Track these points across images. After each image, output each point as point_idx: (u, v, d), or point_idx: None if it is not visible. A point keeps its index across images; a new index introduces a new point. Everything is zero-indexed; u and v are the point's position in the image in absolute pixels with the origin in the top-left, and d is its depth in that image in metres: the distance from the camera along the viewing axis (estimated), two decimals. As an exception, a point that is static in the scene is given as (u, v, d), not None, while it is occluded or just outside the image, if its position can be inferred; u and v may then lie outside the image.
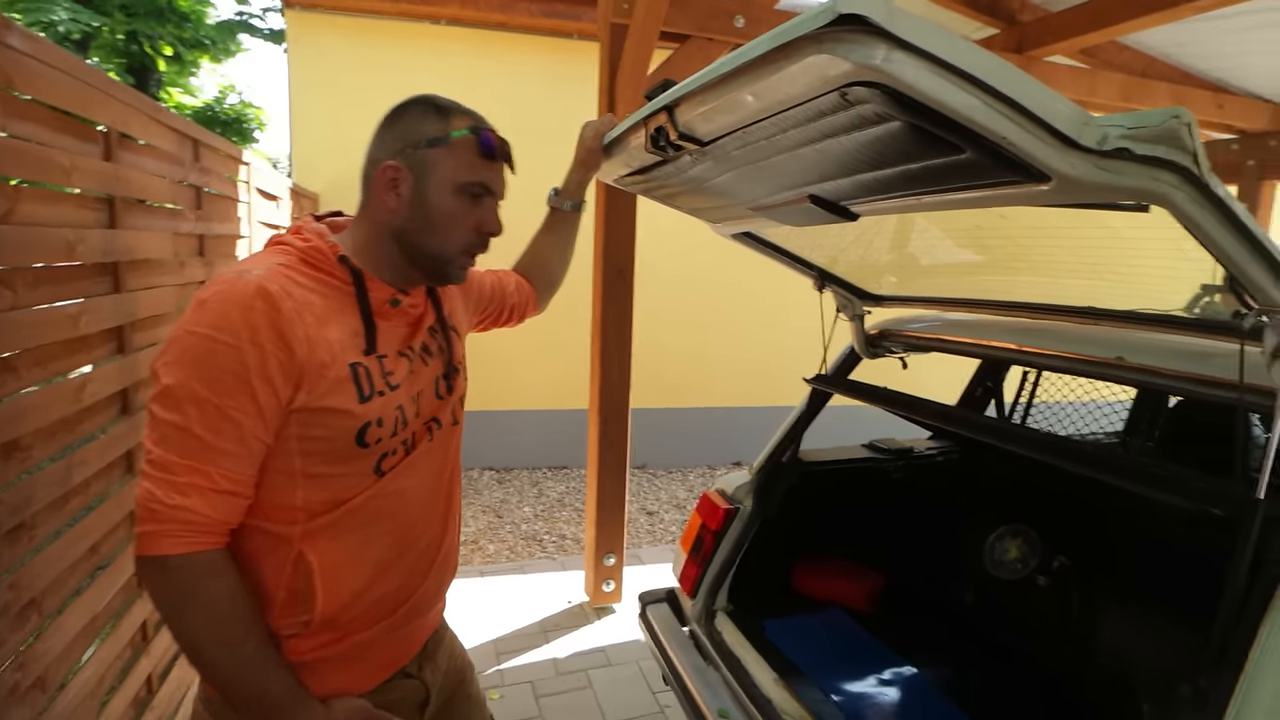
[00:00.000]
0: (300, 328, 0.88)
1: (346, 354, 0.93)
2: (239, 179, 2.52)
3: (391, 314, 1.01)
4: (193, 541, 0.84)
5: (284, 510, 0.92)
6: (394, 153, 0.98)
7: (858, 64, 0.71)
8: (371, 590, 0.99)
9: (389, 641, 1.05)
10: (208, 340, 0.84)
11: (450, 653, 1.23)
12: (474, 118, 1.03)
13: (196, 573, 0.84)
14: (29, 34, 1.22)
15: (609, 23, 2.83)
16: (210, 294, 0.87)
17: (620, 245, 3.01)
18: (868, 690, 1.78)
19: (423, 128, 0.99)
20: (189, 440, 0.83)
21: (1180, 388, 1.28)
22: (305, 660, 0.96)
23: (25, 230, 1.21)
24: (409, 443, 1.02)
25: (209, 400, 0.83)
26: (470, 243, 1.03)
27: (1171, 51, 3.93)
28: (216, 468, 0.84)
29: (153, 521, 0.83)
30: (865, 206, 1.21)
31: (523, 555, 3.95)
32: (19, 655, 1.18)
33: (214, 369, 0.83)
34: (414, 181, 0.98)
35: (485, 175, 1.01)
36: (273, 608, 0.94)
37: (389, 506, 1.00)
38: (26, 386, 1.22)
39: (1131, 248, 1.24)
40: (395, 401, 0.98)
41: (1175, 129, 0.76)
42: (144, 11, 8.49)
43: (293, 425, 0.89)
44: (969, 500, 2.24)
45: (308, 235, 0.98)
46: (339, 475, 0.94)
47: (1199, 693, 0.98)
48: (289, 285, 0.90)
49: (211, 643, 0.87)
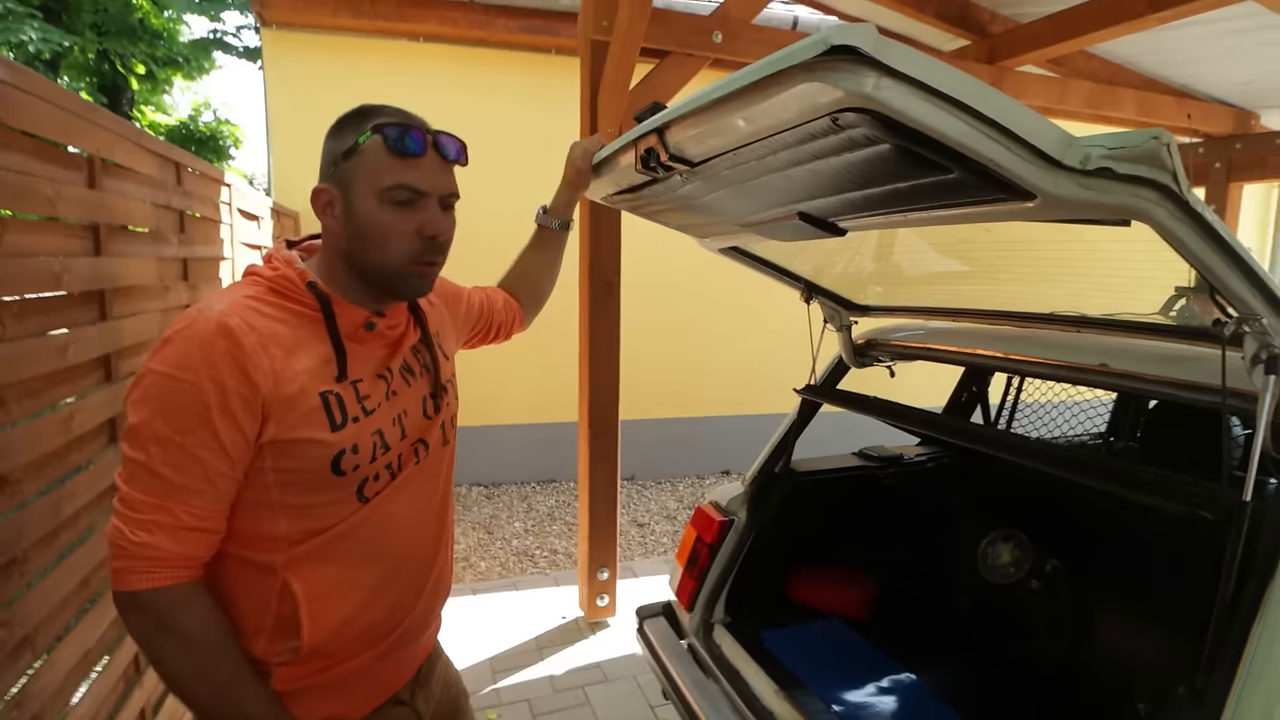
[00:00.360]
0: (265, 361, 0.87)
1: (316, 383, 0.92)
2: (220, 200, 2.50)
3: (367, 337, 1.00)
4: (161, 577, 0.84)
5: (266, 540, 0.92)
6: (324, 174, 0.98)
7: (849, 92, 0.74)
8: (360, 617, 0.99)
9: (380, 668, 1.04)
10: (168, 379, 0.84)
11: (444, 680, 1.22)
12: (384, 115, 0.95)
13: (168, 606, 0.85)
14: (11, 63, 1.21)
15: (590, 39, 2.85)
16: (173, 331, 0.87)
17: (607, 258, 3.02)
18: (867, 699, 1.79)
19: (340, 141, 0.96)
20: (153, 479, 0.84)
21: (1163, 392, 1.31)
22: (295, 688, 0.95)
23: (12, 261, 1.19)
24: (394, 466, 1.01)
25: (171, 439, 0.83)
26: (415, 250, 0.97)
27: (1138, 59, 4.04)
28: (181, 505, 0.85)
29: (122, 558, 0.84)
30: (853, 222, 1.23)
31: (515, 571, 3.92)
32: (16, 694, 1.16)
33: (175, 407, 0.84)
34: (342, 199, 0.96)
35: (405, 176, 0.94)
36: (260, 636, 0.93)
37: (376, 532, 0.99)
38: (16, 420, 1.20)
39: (1113, 258, 1.28)
40: (373, 426, 0.97)
41: (1155, 149, 0.79)
42: (115, 30, 8.41)
43: (266, 457, 0.89)
44: (961, 505, 2.27)
45: (276, 264, 0.97)
46: (319, 504, 0.94)
47: (1195, 693, 1.00)
48: (253, 318, 0.89)
49: (188, 673, 0.87)
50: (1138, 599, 1.83)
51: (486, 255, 1.09)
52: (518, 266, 1.52)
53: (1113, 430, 2.58)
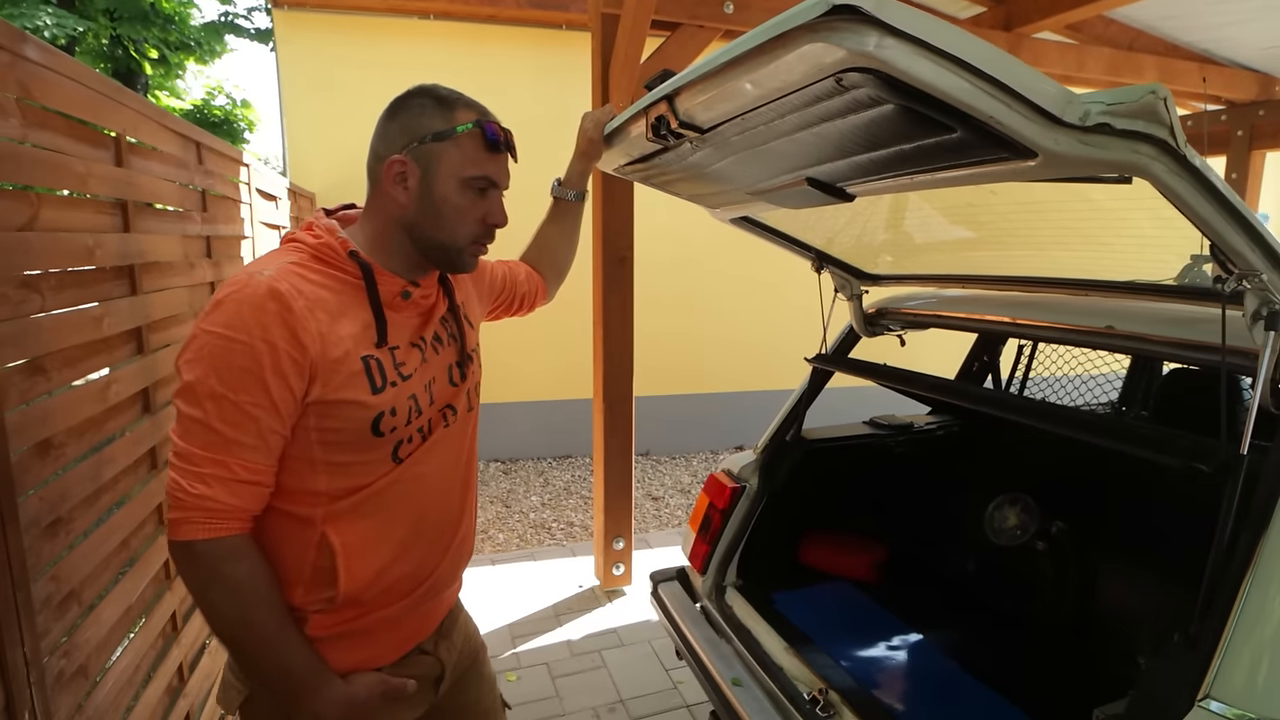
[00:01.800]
0: (312, 325, 0.92)
1: (359, 347, 0.97)
2: (240, 180, 2.55)
3: (403, 306, 1.05)
4: (215, 528, 0.89)
5: (307, 495, 0.97)
6: (400, 147, 1.00)
7: (851, 51, 0.76)
8: (391, 570, 1.04)
9: (408, 619, 1.10)
10: (223, 339, 0.88)
11: (465, 633, 1.28)
12: (478, 110, 1.04)
13: (220, 557, 0.90)
14: (43, 44, 1.25)
15: (600, 13, 2.86)
16: (225, 294, 0.91)
17: (620, 233, 3.05)
18: (875, 655, 1.84)
19: (427, 121, 1.00)
20: (208, 433, 0.88)
21: (1167, 353, 1.33)
22: (329, 635, 1.01)
23: (48, 236, 1.25)
24: (425, 430, 1.06)
25: (225, 396, 0.88)
26: (478, 234, 1.06)
27: (1158, 24, 3.96)
28: (235, 459, 0.89)
29: (179, 509, 0.89)
30: (860, 187, 1.25)
31: (532, 543, 4.01)
32: (64, 644, 1.23)
33: (229, 367, 0.88)
34: (421, 175, 1.00)
35: (490, 169, 1.03)
36: (298, 586, 0.99)
37: (407, 491, 1.04)
38: (57, 387, 1.26)
39: (1118, 219, 1.29)
40: (408, 391, 1.02)
41: (1152, 104, 0.80)
42: (128, 15, 8.44)
43: (310, 417, 0.94)
44: (968, 471, 2.30)
45: (318, 232, 1.01)
46: (358, 463, 0.99)
47: (1190, 639, 1.03)
48: (300, 283, 0.93)
49: (235, 622, 0.92)
50: (1140, 560, 1.85)
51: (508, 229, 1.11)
52: (537, 240, 1.55)
53: (1124, 400, 2.59)
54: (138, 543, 1.56)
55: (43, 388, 1.22)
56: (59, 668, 1.21)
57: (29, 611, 1.12)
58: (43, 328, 1.22)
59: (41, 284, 1.22)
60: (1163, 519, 1.82)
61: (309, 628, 1.00)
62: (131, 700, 1.50)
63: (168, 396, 1.76)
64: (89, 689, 1.32)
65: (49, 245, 1.25)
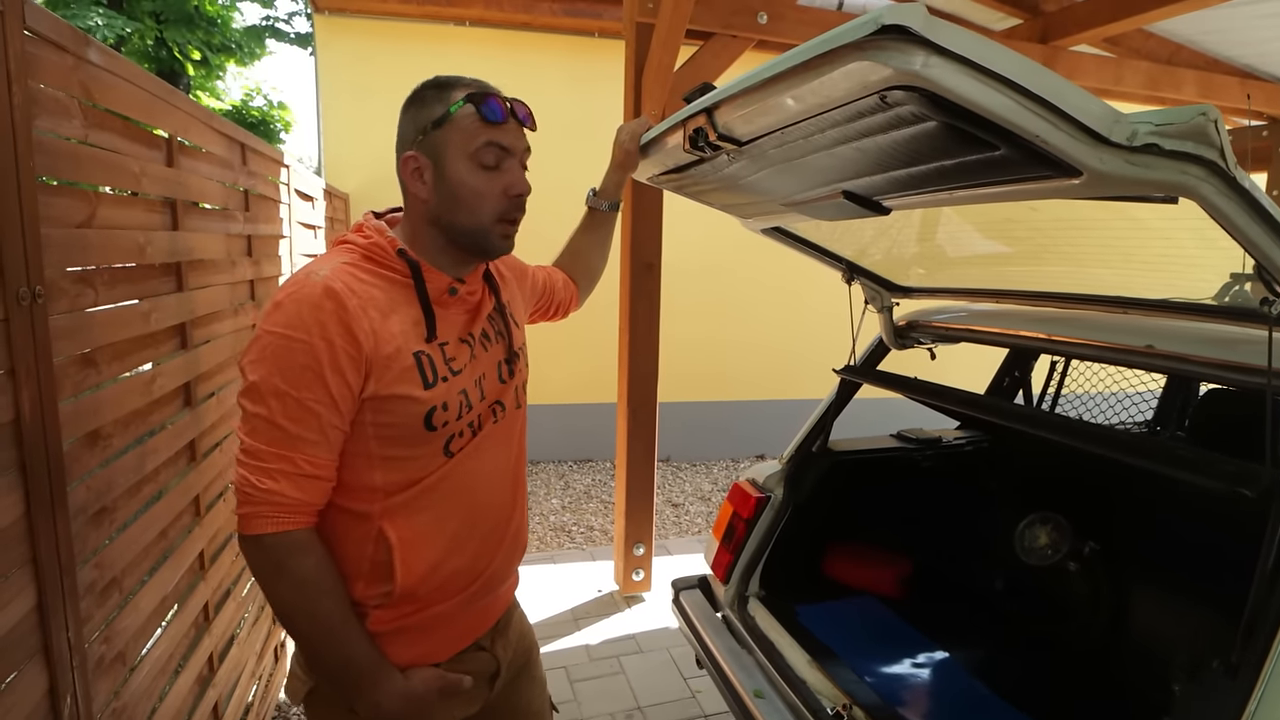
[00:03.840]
0: (365, 322, 0.94)
1: (410, 343, 0.99)
2: (280, 181, 2.61)
3: (450, 302, 1.07)
4: (283, 521, 0.92)
5: (364, 491, 1.00)
6: (411, 142, 1.03)
7: (898, 70, 0.76)
8: (446, 565, 1.06)
9: (464, 614, 1.12)
10: (283, 339, 0.91)
11: (520, 630, 1.29)
12: (472, 85, 1.03)
13: (287, 550, 0.92)
14: (103, 48, 1.30)
15: (635, 22, 2.88)
16: (284, 296, 0.94)
17: (648, 240, 3.06)
18: (900, 672, 1.83)
19: (429, 111, 1.01)
20: (274, 430, 0.91)
21: (1210, 374, 1.31)
22: (387, 630, 1.03)
23: (104, 233, 1.29)
24: (475, 425, 1.08)
25: (288, 393, 0.91)
26: (503, 209, 1.04)
27: (1199, 38, 3.90)
28: (300, 454, 0.92)
29: (248, 504, 0.92)
30: (897, 201, 1.25)
31: (552, 546, 4.03)
32: (104, 630, 1.27)
33: (290, 365, 0.91)
34: (434, 166, 1.01)
35: (495, 136, 1.01)
36: (358, 581, 1.01)
37: (460, 485, 1.06)
38: (106, 380, 1.30)
39: (1160, 238, 1.27)
40: (459, 386, 1.04)
41: (1203, 125, 0.80)
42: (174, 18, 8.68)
43: (366, 413, 0.97)
44: (998, 488, 2.27)
45: (368, 232, 1.04)
46: (411, 457, 1.01)
47: (1230, 667, 1.01)
48: (353, 282, 0.96)
49: (300, 614, 0.95)
50: (1175, 583, 1.82)
51: (532, 236, 1.12)
52: (570, 248, 1.57)
53: (1159, 420, 2.54)
54: (175, 533, 1.60)
55: (93, 380, 1.26)
56: (99, 653, 1.24)
57: (74, 597, 1.15)
58: (95, 322, 1.26)
59: (96, 279, 1.26)
60: (1199, 542, 1.78)
61: (369, 623, 1.02)
62: (165, 688, 1.54)
63: (208, 390, 1.80)
64: (126, 676, 1.36)
65: (104, 242, 1.29)
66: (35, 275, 1.04)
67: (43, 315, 1.06)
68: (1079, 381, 2.62)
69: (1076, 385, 2.63)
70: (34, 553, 1.05)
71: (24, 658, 1.03)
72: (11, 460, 1.01)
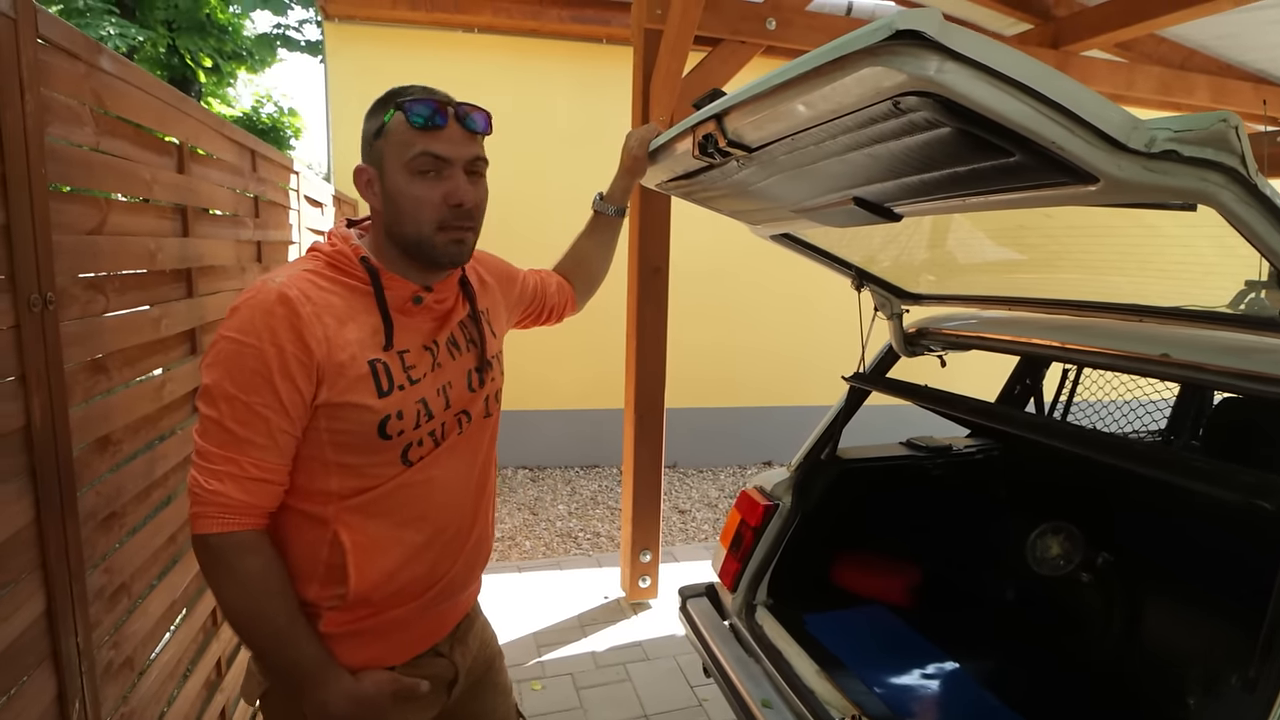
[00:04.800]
0: (319, 329, 0.95)
1: (365, 351, 0.99)
2: (290, 187, 2.62)
3: (415, 310, 1.06)
4: (228, 522, 0.93)
5: (319, 495, 1.00)
6: (363, 155, 1.05)
7: (912, 75, 0.76)
8: (403, 571, 1.06)
9: (421, 620, 1.12)
10: (236, 343, 0.93)
11: (481, 639, 1.28)
12: (407, 93, 1.00)
13: (232, 550, 0.93)
14: (115, 55, 1.30)
15: (643, 28, 2.88)
16: (240, 301, 0.95)
17: (656, 244, 3.06)
18: (910, 683, 1.81)
19: (371, 123, 1.02)
20: (223, 433, 0.92)
21: (1227, 384, 1.29)
22: (341, 632, 1.03)
23: (115, 240, 1.29)
24: (437, 434, 1.07)
25: (237, 397, 0.92)
26: (441, 218, 1.00)
27: (1212, 44, 3.87)
28: (246, 457, 0.93)
29: (197, 504, 0.93)
30: (909, 208, 1.24)
31: (558, 552, 4.02)
32: (113, 636, 1.27)
33: (241, 369, 0.92)
34: (379, 176, 1.02)
35: (429, 144, 0.98)
36: (312, 582, 1.02)
37: (418, 494, 1.06)
38: (116, 385, 1.30)
39: (1177, 245, 1.26)
40: (417, 395, 1.03)
41: (1223, 131, 0.78)
42: (187, 26, 8.76)
43: (320, 419, 0.97)
44: (1009, 497, 2.25)
45: (335, 240, 1.05)
46: (367, 465, 1.01)
47: (1249, 683, 0.99)
48: (310, 289, 0.97)
49: (246, 614, 0.96)
50: (1190, 596, 1.79)
51: (536, 242, 1.12)
52: (573, 251, 1.56)
53: (1173, 429, 2.51)
54: (183, 538, 1.60)
55: (104, 386, 1.26)
56: (108, 658, 1.24)
57: (83, 602, 1.15)
58: (106, 328, 1.27)
59: (107, 285, 1.27)
60: (1215, 554, 1.76)
61: (322, 624, 1.02)
62: (173, 692, 1.54)
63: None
64: (134, 681, 1.36)
65: (115, 248, 1.30)
66: (46, 282, 1.04)
67: (54, 321, 1.06)
68: (1089, 390, 2.59)
69: (1087, 393, 2.60)
70: (44, 558, 1.05)
71: (33, 663, 1.03)
72: (22, 465, 1.01)
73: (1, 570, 0.96)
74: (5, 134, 0.95)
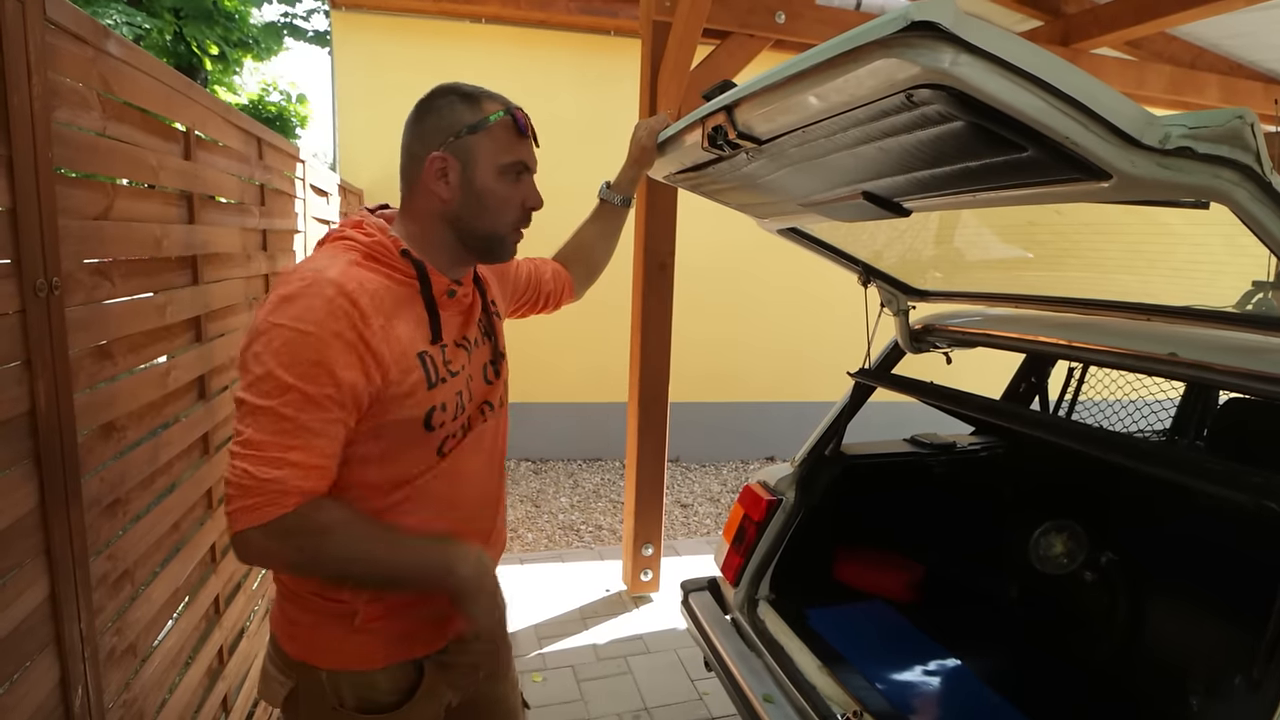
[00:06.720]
0: (376, 320, 0.94)
1: (415, 344, 0.99)
2: (295, 176, 2.61)
3: (448, 304, 1.07)
4: (290, 502, 0.90)
5: (358, 488, 1.00)
6: (437, 144, 1.03)
7: (926, 68, 0.75)
8: None
9: (451, 610, 1.12)
10: (295, 332, 0.90)
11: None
12: (502, 100, 1.07)
13: (306, 515, 0.91)
14: (123, 40, 1.30)
15: (651, 20, 2.87)
16: (293, 290, 0.93)
17: (662, 238, 3.05)
18: (911, 678, 1.81)
19: (459, 116, 1.03)
20: (280, 422, 0.90)
21: (1234, 383, 1.28)
22: (377, 626, 1.04)
23: (121, 225, 1.29)
24: (466, 426, 1.09)
25: (295, 386, 0.89)
26: (518, 219, 1.09)
27: (1223, 43, 3.84)
28: (306, 446, 0.91)
29: (250, 496, 0.89)
30: (919, 203, 1.24)
31: (560, 544, 4.02)
32: (116, 622, 1.27)
33: (299, 359, 0.90)
34: (461, 169, 1.03)
35: (523, 154, 1.07)
36: None
37: (449, 485, 1.07)
38: (121, 372, 1.30)
39: (1187, 243, 1.25)
40: (455, 387, 1.05)
41: (1239, 129, 0.78)
42: (193, 14, 8.74)
43: (374, 409, 0.96)
44: (1013, 495, 2.25)
45: (370, 230, 1.03)
46: (407, 456, 1.02)
47: (1253, 682, 0.99)
48: (365, 281, 0.96)
49: (358, 558, 0.95)
50: (1194, 595, 1.79)
51: (541, 232, 1.11)
52: (575, 238, 1.56)
53: (1177, 429, 2.50)
54: (188, 525, 1.60)
55: (108, 372, 1.26)
56: (111, 645, 1.25)
57: (87, 588, 1.16)
58: (111, 314, 1.27)
59: (112, 271, 1.27)
60: (1219, 553, 1.75)
61: (359, 619, 1.02)
62: (175, 679, 1.54)
63: (222, 383, 1.80)
64: (137, 667, 1.36)
65: (121, 234, 1.29)
66: (52, 267, 1.04)
67: (59, 307, 1.06)
68: (1094, 389, 2.58)
69: (1091, 392, 2.59)
70: (48, 544, 1.05)
71: (36, 649, 1.03)
72: (26, 451, 1.01)
73: (5, 555, 0.96)
74: (12, 117, 0.95)
